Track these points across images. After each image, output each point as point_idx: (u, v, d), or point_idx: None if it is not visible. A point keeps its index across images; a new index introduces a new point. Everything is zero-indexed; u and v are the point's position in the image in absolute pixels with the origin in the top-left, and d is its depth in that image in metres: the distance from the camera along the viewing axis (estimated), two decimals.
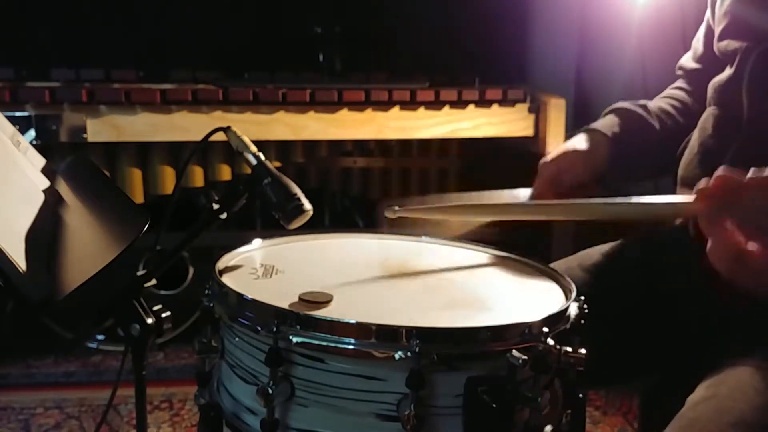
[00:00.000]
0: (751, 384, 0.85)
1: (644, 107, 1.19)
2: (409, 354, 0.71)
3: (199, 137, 0.99)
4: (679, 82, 1.26)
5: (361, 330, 0.73)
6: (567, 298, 0.88)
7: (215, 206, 0.93)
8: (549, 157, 1.16)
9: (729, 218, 0.75)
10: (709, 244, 0.77)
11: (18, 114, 1.82)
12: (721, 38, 1.05)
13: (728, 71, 1.03)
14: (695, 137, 1.07)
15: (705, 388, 0.88)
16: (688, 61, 1.21)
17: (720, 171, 0.78)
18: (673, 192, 1.09)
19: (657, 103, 1.23)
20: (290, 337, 0.75)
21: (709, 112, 1.06)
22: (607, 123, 1.18)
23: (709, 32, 1.11)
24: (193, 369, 0.89)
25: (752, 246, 0.74)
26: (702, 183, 0.79)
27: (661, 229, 1.17)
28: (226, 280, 0.86)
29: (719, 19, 1.06)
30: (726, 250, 0.76)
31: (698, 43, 1.17)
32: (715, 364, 0.92)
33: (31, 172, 0.95)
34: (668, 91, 1.26)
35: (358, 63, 2.30)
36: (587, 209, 0.96)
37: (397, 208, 0.99)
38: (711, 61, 1.09)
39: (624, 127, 1.16)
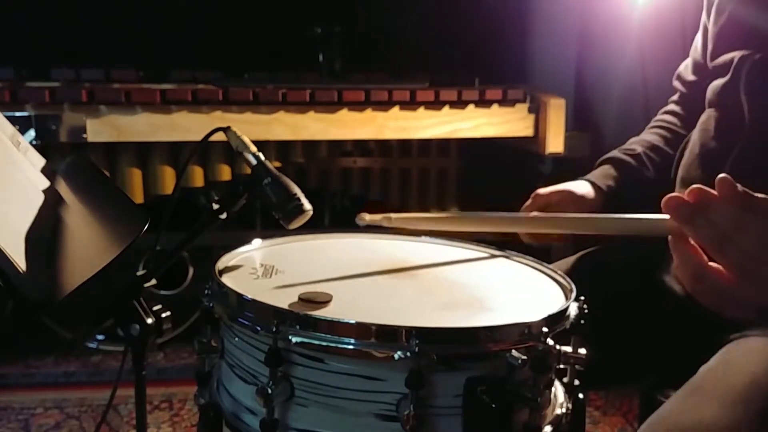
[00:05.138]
0: (764, 349, 0.85)
1: (636, 156, 1.20)
2: (408, 354, 0.71)
3: (199, 137, 1.00)
4: (671, 105, 1.27)
5: (361, 330, 0.73)
6: (567, 298, 0.88)
7: (215, 206, 0.93)
8: (544, 190, 1.17)
9: (695, 234, 0.72)
10: (674, 260, 0.75)
11: (18, 114, 1.83)
12: (714, 56, 1.06)
13: (724, 78, 1.03)
14: (696, 138, 1.07)
15: (718, 356, 0.88)
16: (685, 71, 1.21)
17: (695, 185, 0.74)
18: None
19: (647, 137, 1.24)
20: (290, 337, 0.75)
21: (710, 114, 1.06)
22: (601, 175, 1.20)
23: (706, 44, 1.11)
24: (192, 369, 0.89)
25: (715, 265, 0.72)
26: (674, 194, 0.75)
27: None
28: (226, 280, 0.86)
29: (713, 36, 1.07)
30: (689, 267, 0.73)
31: (696, 52, 1.17)
32: None
33: (31, 172, 0.95)
34: (659, 117, 1.27)
35: (358, 63, 2.30)
36: (572, 224, 0.97)
37: (367, 217, 1.01)
38: (708, 73, 1.10)
39: (618, 179, 1.19)
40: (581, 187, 1.18)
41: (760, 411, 0.78)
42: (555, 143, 2.13)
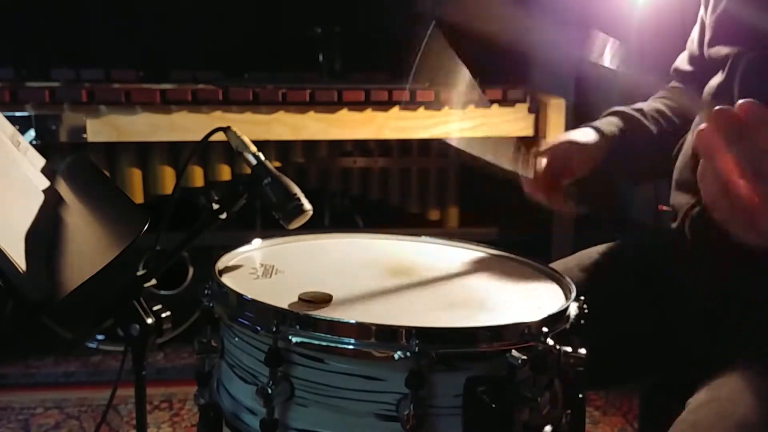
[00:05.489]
0: (751, 387, 0.85)
1: (641, 111, 1.19)
2: (408, 354, 0.71)
3: (199, 137, 0.99)
4: (674, 83, 1.26)
5: (361, 330, 0.73)
6: (567, 298, 0.88)
7: (215, 206, 0.93)
8: (549, 144, 1.16)
9: (736, 157, 0.69)
10: (699, 172, 0.71)
11: (18, 114, 1.83)
12: (711, 44, 1.06)
13: (719, 77, 1.03)
14: (690, 140, 1.07)
15: (705, 392, 0.88)
16: (682, 63, 1.21)
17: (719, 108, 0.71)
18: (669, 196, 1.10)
19: (652, 103, 1.23)
20: (290, 337, 0.75)
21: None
22: (606, 123, 1.18)
23: (703, 34, 1.11)
24: (192, 369, 0.89)
25: (741, 182, 0.69)
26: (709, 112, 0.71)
27: (660, 230, 1.17)
28: (226, 280, 0.86)
29: (710, 25, 1.07)
30: (714, 178, 0.70)
31: (693, 45, 1.17)
32: (714, 363, 0.92)
33: (31, 172, 0.95)
34: (662, 93, 1.26)
35: (358, 63, 2.30)
36: None
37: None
38: (704, 64, 1.09)
39: (622, 128, 1.17)
40: (585, 134, 1.15)
41: None
42: None
